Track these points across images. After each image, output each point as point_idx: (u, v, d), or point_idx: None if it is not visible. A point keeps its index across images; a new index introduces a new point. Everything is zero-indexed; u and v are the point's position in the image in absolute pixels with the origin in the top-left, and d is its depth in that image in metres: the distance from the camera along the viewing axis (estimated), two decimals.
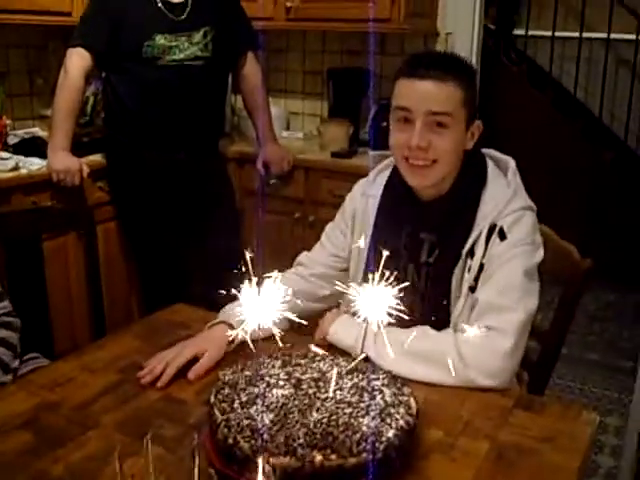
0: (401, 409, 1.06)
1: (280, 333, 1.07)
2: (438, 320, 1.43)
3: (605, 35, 4.63)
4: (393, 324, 1.10)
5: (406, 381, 1.17)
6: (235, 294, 1.07)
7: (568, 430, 1.18)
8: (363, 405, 1.06)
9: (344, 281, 1.59)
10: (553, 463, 1.09)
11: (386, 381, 1.14)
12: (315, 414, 1.04)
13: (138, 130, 2.69)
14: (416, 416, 1.07)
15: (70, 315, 2.74)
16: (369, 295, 1.08)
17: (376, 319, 1.08)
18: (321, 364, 1.19)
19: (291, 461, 0.95)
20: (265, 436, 0.98)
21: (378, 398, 1.08)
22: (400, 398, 1.09)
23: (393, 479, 1.01)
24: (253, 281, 1.07)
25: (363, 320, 1.10)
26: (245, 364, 1.19)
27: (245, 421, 1.02)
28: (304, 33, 3.62)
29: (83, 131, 2.99)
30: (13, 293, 1.71)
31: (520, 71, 4.75)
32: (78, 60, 2.61)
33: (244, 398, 1.08)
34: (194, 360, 1.36)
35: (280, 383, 1.12)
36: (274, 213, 3.16)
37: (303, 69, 3.70)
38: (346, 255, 1.62)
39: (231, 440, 0.99)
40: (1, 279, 1.73)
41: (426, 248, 1.48)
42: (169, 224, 2.76)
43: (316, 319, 1.53)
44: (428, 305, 1.47)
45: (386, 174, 1.60)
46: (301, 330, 1.48)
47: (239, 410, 1.04)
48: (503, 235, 1.40)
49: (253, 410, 1.04)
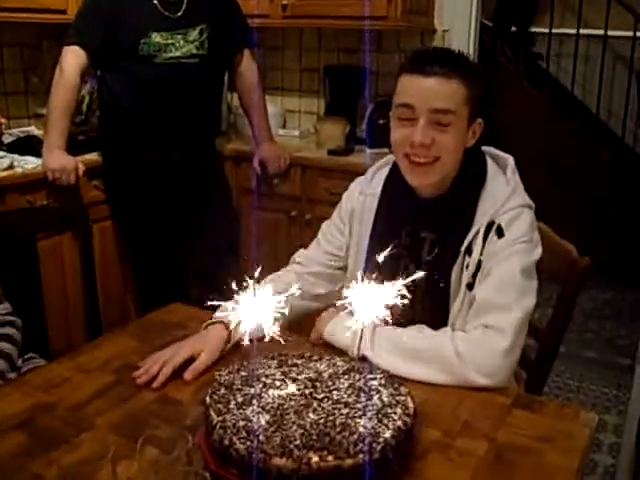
0: (398, 409, 1.05)
1: (276, 333, 1.06)
2: (437, 318, 1.43)
3: (602, 32, 4.63)
4: (391, 323, 1.10)
5: (403, 381, 1.17)
6: (232, 293, 1.06)
7: (567, 430, 1.17)
8: (360, 405, 1.06)
9: (340, 280, 1.60)
10: (552, 463, 1.08)
11: (383, 381, 1.13)
12: (312, 415, 1.03)
13: (134, 128, 2.68)
14: (413, 416, 1.06)
15: (66, 315, 2.73)
16: (368, 294, 1.07)
17: (373, 318, 1.08)
18: (318, 364, 1.18)
19: (287, 462, 0.94)
20: (261, 437, 0.97)
21: (375, 398, 1.08)
22: (397, 398, 1.08)
23: None
24: (249, 280, 1.06)
25: (360, 319, 1.09)
26: (241, 364, 1.18)
27: (241, 422, 1.01)
28: (300, 30, 3.60)
29: (79, 130, 2.98)
30: (8, 293, 1.70)
31: (517, 69, 4.74)
32: (73, 58, 2.59)
33: (240, 399, 1.07)
34: (190, 360, 1.35)
35: (276, 383, 1.12)
36: (271, 211, 3.15)
37: (299, 67, 3.69)
38: (343, 254, 1.61)
39: (227, 441, 0.99)
40: None
41: (427, 247, 1.48)
42: (165, 223, 2.75)
43: (313, 318, 1.52)
44: (428, 303, 1.47)
45: (384, 172, 1.59)
46: (298, 330, 1.49)
47: (235, 411, 1.04)
48: (501, 232, 1.39)
49: (249, 411, 1.03)
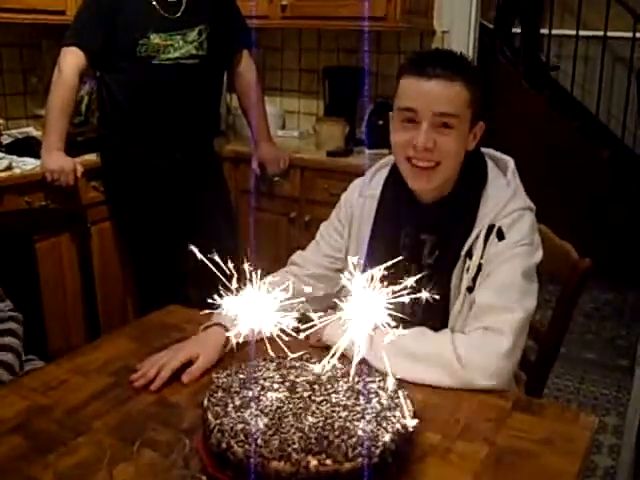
0: (397, 412, 1.04)
1: (274, 334, 1.06)
2: (437, 321, 1.42)
3: (602, 33, 4.63)
4: (391, 325, 1.09)
5: (402, 384, 1.16)
6: (230, 295, 1.05)
7: (567, 433, 1.17)
8: (359, 408, 1.05)
9: (339, 282, 1.59)
10: (552, 467, 1.08)
11: (382, 384, 1.12)
12: (310, 418, 1.02)
13: (133, 129, 2.67)
14: (413, 419, 1.06)
15: (64, 316, 2.72)
16: (367, 296, 1.06)
17: (372, 321, 1.07)
18: (316, 367, 1.17)
19: (286, 466, 0.94)
20: (259, 441, 0.97)
21: (374, 401, 1.07)
22: (396, 401, 1.07)
23: None
24: (248, 282, 1.05)
25: (359, 322, 1.08)
26: (239, 367, 1.17)
27: (239, 425, 1.00)
28: (299, 31, 3.60)
29: (77, 130, 2.97)
30: (6, 294, 1.70)
31: (516, 70, 4.73)
32: (72, 59, 2.59)
33: (238, 402, 1.06)
34: (188, 363, 1.34)
35: (275, 386, 1.11)
36: (270, 212, 3.15)
37: (299, 67, 3.69)
38: (341, 256, 1.60)
39: (224, 445, 0.98)
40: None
41: (427, 249, 1.47)
42: (164, 224, 2.74)
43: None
44: (428, 306, 1.45)
45: (383, 174, 1.58)
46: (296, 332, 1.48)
47: (233, 414, 1.03)
48: (501, 235, 1.39)
49: (247, 414, 1.03)
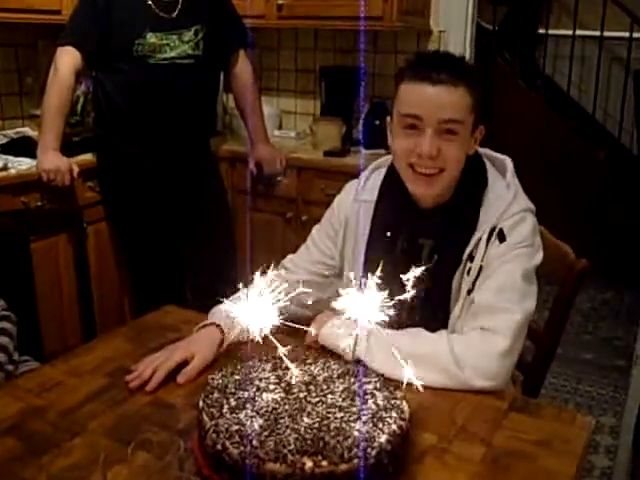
0: (393, 413, 1.04)
1: (269, 334, 1.05)
2: (437, 324, 1.40)
3: (598, 33, 4.63)
4: (389, 328, 1.09)
5: (398, 384, 1.15)
6: (226, 295, 1.05)
7: (563, 433, 1.16)
8: (355, 409, 1.04)
9: (330, 288, 1.58)
10: (549, 468, 1.07)
11: (378, 385, 1.12)
12: (306, 419, 1.02)
13: (128, 129, 2.67)
14: (409, 420, 1.05)
15: (60, 317, 2.71)
16: (363, 300, 1.06)
17: (369, 321, 1.07)
18: (312, 367, 1.17)
19: (281, 468, 0.93)
20: (254, 442, 0.96)
21: (370, 402, 1.07)
22: (392, 402, 1.07)
23: None
24: (243, 282, 1.05)
25: (355, 322, 1.08)
26: (235, 368, 1.17)
27: (234, 426, 1.00)
28: (296, 31, 3.60)
29: (73, 130, 2.96)
30: (2, 294, 1.69)
31: (513, 70, 4.73)
32: (68, 59, 2.58)
33: (233, 403, 1.06)
34: (184, 363, 1.33)
35: (270, 387, 1.10)
36: (266, 212, 3.14)
37: (295, 67, 3.68)
38: (334, 263, 1.58)
39: (220, 446, 0.97)
40: None
41: (425, 253, 1.45)
42: (160, 224, 2.74)
43: (308, 321, 1.50)
44: (428, 310, 1.45)
45: (379, 176, 1.55)
46: (293, 332, 1.47)
47: (228, 415, 1.03)
48: (503, 237, 1.38)
49: (242, 415, 1.02)
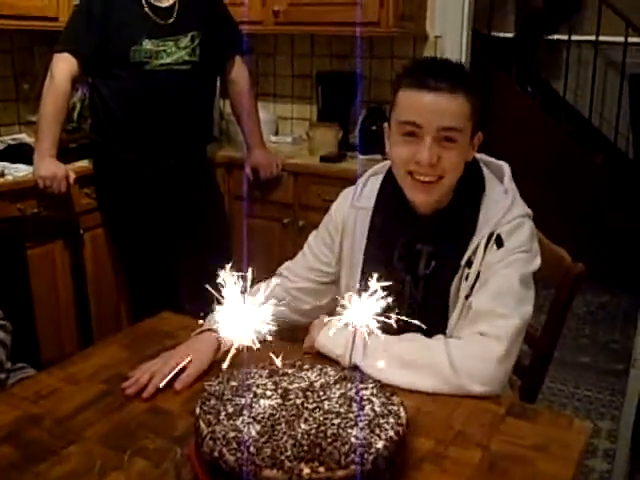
0: (390, 419, 1.04)
1: (267, 338, 1.05)
2: (435, 330, 1.40)
3: (594, 38, 4.64)
4: (386, 333, 1.08)
5: (395, 390, 1.16)
6: (223, 301, 1.05)
7: (561, 438, 1.16)
8: (352, 415, 1.04)
9: (326, 295, 1.58)
10: (546, 472, 1.07)
11: (375, 390, 1.12)
12: (303, 425, 1.02)
13: (125, 135, 2.67)
14: (406, 426, 1.05)
15: (57, 324, 2.71)
16: (360, 306, 1.06)
17: (365, 327, 1.07)
18: (309, 374, 1.17)
19: (278, 474, 0.93)
20: (252, 449, 0.96)
21: (367, 408, 1.06)
22: (389, 408, 1.07)
23: None
24: (240, 288, 1.05)
25: (352, 328, 1.08)
26: (231, 374, 1.17)
27: (231, 433, 0.99)
28: (292, 37, 3.60)
29: (70, 137, 2.96)
30: None
31: (509, 75, 4.74)
32: (64, 65, 2.58)
33: (230, 409, 1.05)
34: (180, 370, 1.33)
35: (267, 393, 1.10)
36: (263, 218, 3.14)
37: (292, 73, 3.69)
38: (331, 269, 1.58)
39: (217, 453, 0.97)
40: None
41: (423, 259, 1.45)
42: (157, 230, 2.73)
43: (305, 327, 1.50)
44: (426, 316, 1.44)
45: (376, 182, 1.55)
46: (290, 338, 1.47)
47: (225, 422, 1.02)
48: (500, 243, 1.38)
49: (239, 422, 1.02)
